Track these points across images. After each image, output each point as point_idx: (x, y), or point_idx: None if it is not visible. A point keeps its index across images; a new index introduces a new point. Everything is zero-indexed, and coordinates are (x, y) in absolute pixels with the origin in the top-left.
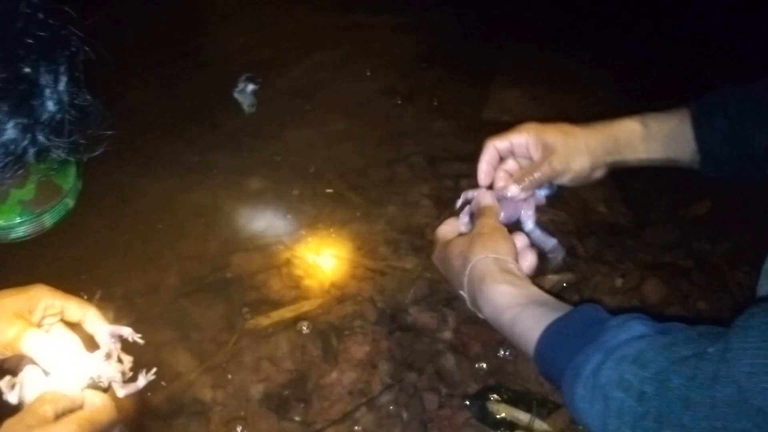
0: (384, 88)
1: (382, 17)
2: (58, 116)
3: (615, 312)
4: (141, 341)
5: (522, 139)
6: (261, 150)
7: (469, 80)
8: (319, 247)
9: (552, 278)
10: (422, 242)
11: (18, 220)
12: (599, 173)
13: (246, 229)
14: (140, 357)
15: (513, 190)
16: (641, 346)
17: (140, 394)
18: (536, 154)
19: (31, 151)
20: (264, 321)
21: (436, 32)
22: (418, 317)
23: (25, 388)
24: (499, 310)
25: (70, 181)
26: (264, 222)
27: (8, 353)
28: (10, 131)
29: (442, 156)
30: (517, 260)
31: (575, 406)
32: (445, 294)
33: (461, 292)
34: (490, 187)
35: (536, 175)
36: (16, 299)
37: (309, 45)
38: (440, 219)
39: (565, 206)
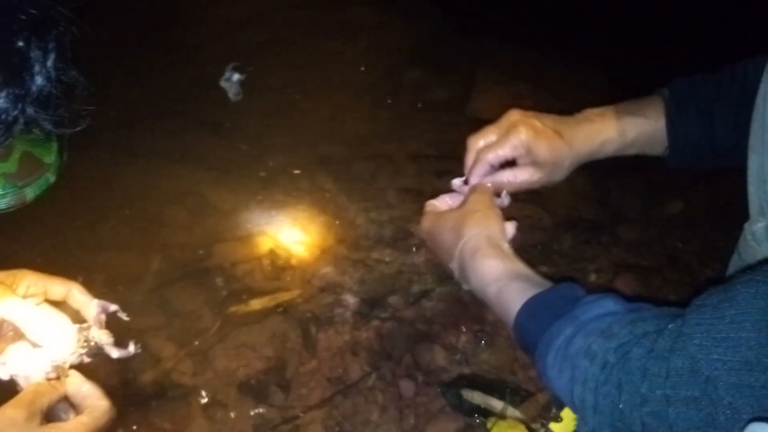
0: (369, 84)
1: (371, 14)
2: (46, 90)
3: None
4: (126, 318)
5: (509, 148)
6: (245, 141)
7: (453, 78)
8: (301, 239)
9: None
10: (403, 236)
11: (1, 191)
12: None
13: (229, 220)
14: (122, 342)
15: (506, 201)
16: (610, 321)
17: (121, 376)
18: (521, 160)
19: (20, 121)
20: (245, 309)
21: (421, 29)
22: (396, 308)
23: (13, 363)
24: (485, 282)
25: (51, 156)
26: (247, 213)
27: None
28: (2, 101)
29: (425, 153)
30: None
31: (546, 374)
32: (423, 286)
33: (450, 265)
34: None
35: (523, 186)
36: None
37: (297, 38)
38: (420, 215)
39: (541, 203)
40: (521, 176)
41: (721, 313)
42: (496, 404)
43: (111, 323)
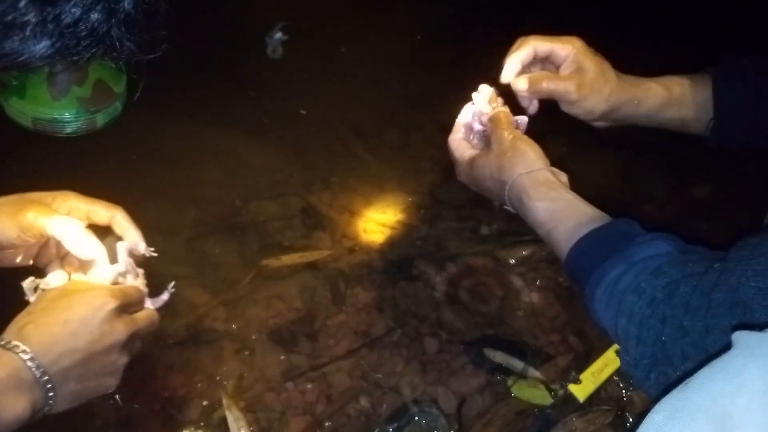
0: (403, 57)
1: None
2: (132, 12)
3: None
4: (155, 254)
5: (564, 52)
6: (282, 103)
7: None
8: (332, 201)
9: None
10: (430, 202)
11: (75, 115)
12: (603, 124)
13: (263, 179)
14: (158, 289)
15: (521, 84)
16: (661, 261)
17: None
18: (565, 70)
19: (110, 37)
20: (276, 264)
21: (458, 5)
22: (423, 270)
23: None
24: (536, 225)
25: (122, 86)
26: (279, 174)
27: (30, 238)
28: (98, 14)
29: None
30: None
31: (593, 306)
32: (449, 251)
33: (505, 207)
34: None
35: (551, 85)
36: (39, 193)
37: (340, 8)
38: (449, 183)
39: (570, 182)
40: (560, 81)
41: (761, 250)
42: (517, 364)
43: (146, 271)
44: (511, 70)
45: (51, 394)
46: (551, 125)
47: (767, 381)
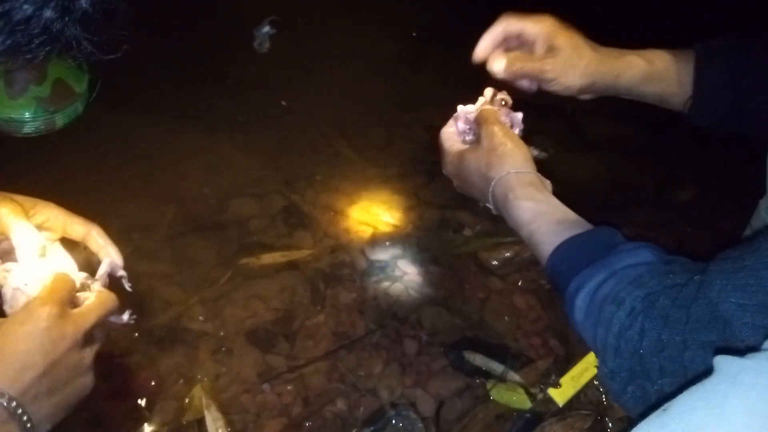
0: (391, 55)
1: None
2: (90, 9)
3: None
4: (129, 288)
5: (534, 30)
6: (266, 99)
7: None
8: (314, 200)
9: None
10: (414, 202)
11: (33, 115)
12: (588, 96)
13: (244, 177)
14: (134, 286)
15: (498, 65)
16: (642, 271)
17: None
18: (539, 50)
19: (64, 36)
20: (256, 263)
21: (448, 2)
22: (405, 270)
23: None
24: (518, 224)
25: (82, 86)
26: (262, 171)
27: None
28: (51, 11)
29: (441, 125)
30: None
31: (573, 315)
32: (431, 252)
33: (487, 205)
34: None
35: (526, 66)
36: (21, 197)
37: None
38: (433, 183)
39: (555, 182)
40: (534, 61)
41: (742, 263)
42: (497, 367)
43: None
44: (482, 48)
45: (25, 418)
46: (536, 126)
47: (749, 413)
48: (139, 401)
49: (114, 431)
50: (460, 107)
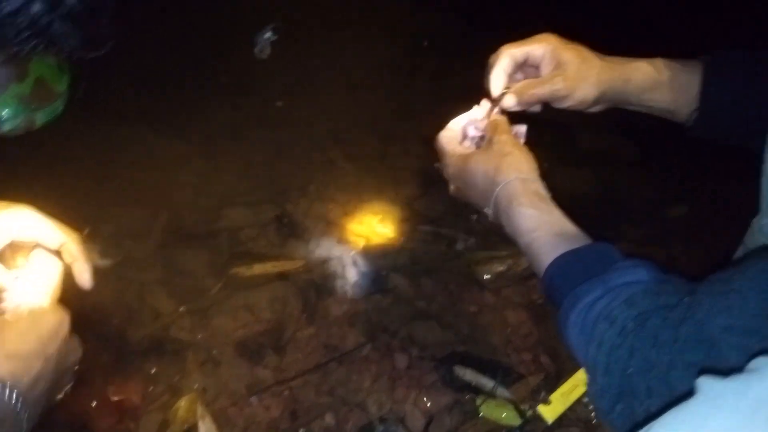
0: (388, 65)
1: None
2: (76, 7)
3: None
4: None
5: (539, 51)
6: (263, 106)
7: (472, 63)
8: (307, 209)
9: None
10: (408, 214)
11: (13, 112)
12: (598, 108)
13: (237, 186)
14: (123, 294)
15: (509, 101)
16: (636, 290)
17: (119, 327)
18: (546, 69)
19: (50, 30)
20: (247, 273)
21: (446, 13)
22: (397, 283)
23: None
24: (519, 232)
25: (63, 86)
26: (255, 180)
27: None
28: (39, 5)
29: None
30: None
31: (566, 331)
32: (424, 264)
33: (485, 210)
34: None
35: (538, 91)
36: None
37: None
38: (427, 195)
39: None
40: (545, 83)
41: (730, 286)
42: (487, 383)
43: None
44: (498, 84)
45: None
46: (532, 140)
47: None
48: (125, 413)
49: None
50: (458, 118)
